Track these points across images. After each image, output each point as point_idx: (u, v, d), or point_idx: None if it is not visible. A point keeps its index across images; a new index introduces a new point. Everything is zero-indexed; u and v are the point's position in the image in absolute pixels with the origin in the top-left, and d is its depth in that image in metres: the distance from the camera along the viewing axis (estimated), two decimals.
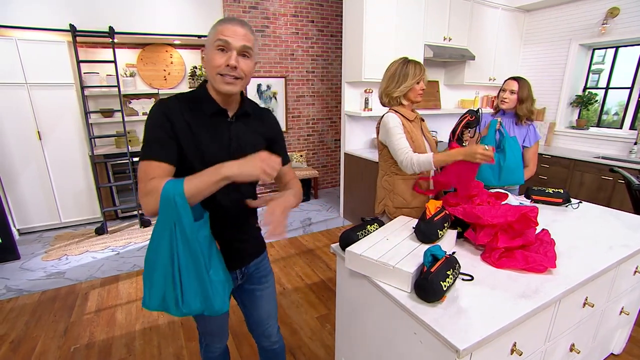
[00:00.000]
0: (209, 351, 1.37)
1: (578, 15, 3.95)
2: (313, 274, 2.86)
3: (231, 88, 0.97)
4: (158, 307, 0.96)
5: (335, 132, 5.20)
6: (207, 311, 0.97)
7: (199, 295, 0.94)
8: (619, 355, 1.94)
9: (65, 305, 2.45)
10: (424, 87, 1.74)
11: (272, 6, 4.32)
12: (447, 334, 0.88)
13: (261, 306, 1.30)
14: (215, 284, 0.95)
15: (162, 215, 0.87)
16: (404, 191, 1.76)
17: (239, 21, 0.96)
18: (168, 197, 0.84)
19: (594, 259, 1.31)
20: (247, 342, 2.08)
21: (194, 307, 0.94)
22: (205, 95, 1.02)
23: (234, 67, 0.94)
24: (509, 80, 2.11)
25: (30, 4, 3.26)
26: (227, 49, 0.94)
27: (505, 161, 2.04)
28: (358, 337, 1.33)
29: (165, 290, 0.93)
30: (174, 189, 0.84)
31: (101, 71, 3.88)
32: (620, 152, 3.72)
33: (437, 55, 3.67)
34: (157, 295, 0.94)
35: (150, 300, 0.96)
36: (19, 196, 3.49)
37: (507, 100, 2.08)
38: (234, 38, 0.93)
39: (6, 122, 3.30)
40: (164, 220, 0.87)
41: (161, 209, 0.86)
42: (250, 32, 0.97)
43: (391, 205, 1.80)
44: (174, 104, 0.98)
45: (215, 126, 1.02)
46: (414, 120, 1.77)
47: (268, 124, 1.16)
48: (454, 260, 1.08)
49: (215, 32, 0.94)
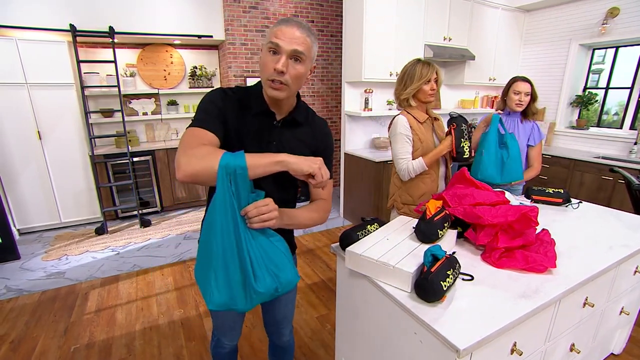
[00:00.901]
0: (219, 346, 1.38)
1: (578, 15, 3.95)
2: (313, 274, 2.86)
3: (277, 94, 0.95)
4: (227, 302, 0.90)
5: (335, 132, 5.20)
6: (280, 286, 0.91)
7: (270, 268, 0.89)
8: (619, 355, 1.94)
9: (65, 305, 2.45)
10: (435, 88, 1.76)
11: (272, 6, 4.32)
12: (447, 334, 0.88)
13: (279, 308, 1.31)
14: (281, 250, 0.92)
15: (221, 189, 0.83)
16: (411, 188, 1.85)
17: (297, 23, 0.92)
18: (228, 167, 0.81)
19: (594, 259, 1.31)
20: (247, 342, 2.08)
21: (265, 285, 0.88)
22: (258, 93, 1.02)
23: (281, 72, 0.91)
24: (518, 82, 2.07)
25: (30, 4, 3.26)
26: (278, 52, 0.91)
27: (509, 157, 2.02)
28: (358, 337, 1.33)
29: (232, 275, 0.87)
30: (234, 160, 0.82)
31: (101, 71, 3.88)
32: (620, 152, 3.72)
33: (437, 55, 3.67)
34: (224, 285, 0.88)
35: (219, 294, 0.89)
36: (19, 196, 3.49)
37: (523, 102, 2.06)
38: (286, 41, 0.90)
39: (6, 122, 3.30)
40: (223, 195, 0.83)
41: (220, 178, 0.82)
42: (307, 35, 0.93)
43: (399, 200, 1.91)
44: (231, 94, 1.00)
45: (260, 125, 1.02)
46: (424, 121, 1.80)
47: (318, 136, 1.12)
48: (454, 260, 1.08)
49: (271, 33, 0.92)
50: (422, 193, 1.84)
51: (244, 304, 0.90)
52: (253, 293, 0.88)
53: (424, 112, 1.83)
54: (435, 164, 1.83)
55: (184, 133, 0.91)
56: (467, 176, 1.53)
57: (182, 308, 2.41)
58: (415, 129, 1.77)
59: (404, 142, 1.77)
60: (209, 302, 0.91)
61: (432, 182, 1.84)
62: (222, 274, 0.88)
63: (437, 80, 1.76)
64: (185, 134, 0.91)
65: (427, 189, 1.84)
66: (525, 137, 2.12)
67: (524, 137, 2.12)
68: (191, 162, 0.82)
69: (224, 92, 0.99)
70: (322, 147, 1.12)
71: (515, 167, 2.03)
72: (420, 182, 1.84)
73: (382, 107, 3.87)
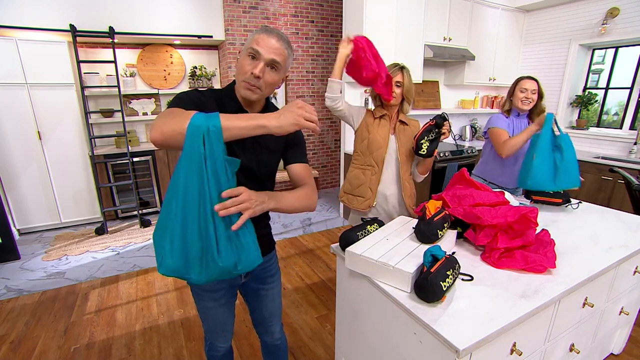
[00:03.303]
0: (213, 349, 1.37)
1: (578, 16, 3.95)
2: (313, 274, 2.86)
3: (250, 95, 1.00)
4: (179, 269, 0.87)
5: (335, 132, 5.20)
6: (241, 264, 0.89)
7: (234, 243, 0.87)
8: (618, 355, 1.94)
9: (65, 305, 2.45)
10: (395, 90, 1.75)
11: (272, 6, 4.32)
12: (447, 334, 0.88)
13: (265, 305, 1.31)
14: (250, 228, 0.91)
15: (188, 148, 0.80)
16: (351, 177, 1.93)
17: (277, 34, 0.98)
18: (199, 126, 0.78)
19: (594, 259, 1.31)
20: (247, 342, 2.08)
21: (229, 259, 0.86)
22: (231, 94, 1.07)
23: (257, 77, 0.96)
24: (524, 80, 2.04)
25: (30, 4, 3.26)
26: (256, 58, 0.97)
27: (563, 160, 1.81)
28: (358, 337, 1.33)
29: (190, 243, 0.84)
30: (207, 119, 0.79)
31: (101, 71, 3.88)
32: (620, 152, 3.72)
33: (437, 56, 3.67)
34: (179, 251, 0.86)
35: (172, 258, 0.86)
36: (19, 196, 3.49)
37: (530, 100, 2.01)
38: (266, 49, 0.96)
39: (6, 122, 3.30)
40: (191, 154, 0.80)
41: (188, 139, 0.79)
42: (285, 48, 0.99)
43: (342, 189, 2.00)
44: (205, 94, 1.03)
45: None
46: (381, 116, 1.83)
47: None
48: (454, 261, 1.08)
49: (252, 39, 0.98)
50: (360, 184, 1.88)
51: (197, 274, 0.87)
52: (212, 265, 0.86)
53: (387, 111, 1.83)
54: (380, 161, 1.82)
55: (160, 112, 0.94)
56: (467, 177, 1.53)
57: (182, 308, 2.41)
58: (367, 120, 1.85)
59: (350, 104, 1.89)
60: (160, 266, 0.88)
61: (372, 175, 1.85)
62: (179, 239, 0.86)
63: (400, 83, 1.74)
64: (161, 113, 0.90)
65: (365, 180, 1.86)
66: None
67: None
68: (166, 123, 0.81)
69: (201, 93, 1.03)
70: (294, 138, 1.16)
71: (570, 172, 1.81)
72: (360, 172, 1.88)
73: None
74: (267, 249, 1.25)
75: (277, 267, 1.33)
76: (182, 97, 0.98)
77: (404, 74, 1.74)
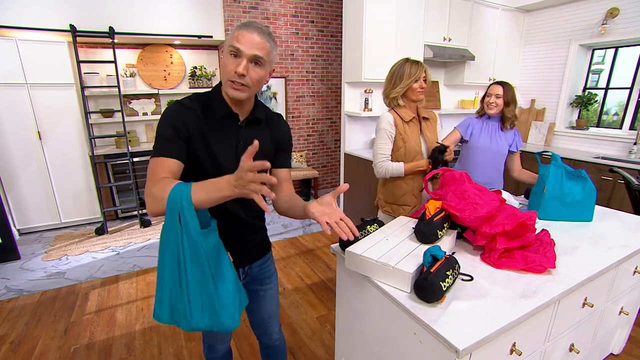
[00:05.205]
0: (211, 351, 1.37)
1: (578, 16, 3.95)
2: (313, 274, 2.86)
3: (239, 94, 0.97)
4: (169, 320, 0.93)
5: (335, 132, 5.20)
6: (216, 327, 0.92)
7: (207, 309, 0.90)
8: (618, 355, 1.94)
9: (66, 305, 2.45)
10: (424, 86, 1.77)
11: (272, 6, 4.32)
12: (447, 334, 0.88)
13: (263, 306, 1.31)
14: (223, 298, 0.91)
15: (168, 219, 0.85)
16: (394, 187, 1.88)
17: (257, 28, 0.94)
18: (175, 200, 0.82)
19: (594, 259, 1.31)
20: (247, 342, 2.08)
21: (202, 322, 0.90)
22: (218, 98, 1.04)
23: (242, 75, 0.94)
24: (493, 85, 2.10)
25: (30, 4, 3.26)
26: (239, 56, 0.94)
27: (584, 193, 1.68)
28: (358, 337, 1.33)
29: (173, 302, 0.90)
30: (180, 192, 0.82)
31: (101, 71, 3.88)
32: (620, 152, 3.72)
33: (437, 56, 3.67)
34: (167, 306, 0.92)
35: (161, 311, 0.93)
36: (19, 196, 3.49)
37: (494, 104, 2.07)
38: (247, 45, 0.92)
39: (6, 122, 3.31)
40: (170, 224, 0.85)
41: (168, 211, 0.83)
42: (267, 41, 0.95)
43: (382, 199, 1.95)
44: (189, 104, 0.99)
45: (225, 129, 1.03)
46: (410, 120, 1.80)
47: (279, 130, 1.16)
48: (454, 261, 1.08)
49: (232, 36, 0.95)
50: (404, 193, 1.86)
51: (184, 325, 0.93)
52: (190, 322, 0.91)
53: (412, 112, 1.83)
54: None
55: (149, 163, 0.94)
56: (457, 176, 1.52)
57: None
58: (399, 128, 1.79)
59: (385, 138, 1.80)
60: (154, 314, 0.95)
61: (413, 182, 1.85)
62: (167, 293, 0.92)
63: (425, 78, 1.77)
64: (149, 165, 0.94)
65: (408, 189, 1.85)
66: (507, 143, 2.12)
67: (506, 143, 2.12)
68: (152, 205, 0.86)
69: (181, 105, 0.98)
70: (283, 139, 1.16)
71: (586, 207, 1.69)
72: (402, 182, 1.86)
73: (382, 108, 3.83)
74: (264, 251, 1.26)
75: (274, 267, 1.33)
76: (163, 133, 0.94)
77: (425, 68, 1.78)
